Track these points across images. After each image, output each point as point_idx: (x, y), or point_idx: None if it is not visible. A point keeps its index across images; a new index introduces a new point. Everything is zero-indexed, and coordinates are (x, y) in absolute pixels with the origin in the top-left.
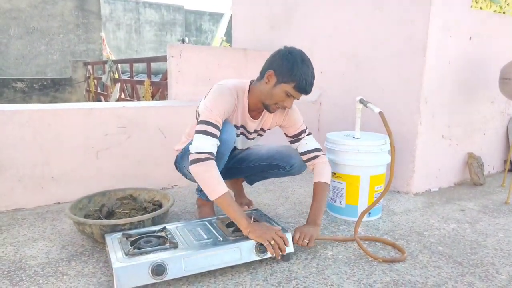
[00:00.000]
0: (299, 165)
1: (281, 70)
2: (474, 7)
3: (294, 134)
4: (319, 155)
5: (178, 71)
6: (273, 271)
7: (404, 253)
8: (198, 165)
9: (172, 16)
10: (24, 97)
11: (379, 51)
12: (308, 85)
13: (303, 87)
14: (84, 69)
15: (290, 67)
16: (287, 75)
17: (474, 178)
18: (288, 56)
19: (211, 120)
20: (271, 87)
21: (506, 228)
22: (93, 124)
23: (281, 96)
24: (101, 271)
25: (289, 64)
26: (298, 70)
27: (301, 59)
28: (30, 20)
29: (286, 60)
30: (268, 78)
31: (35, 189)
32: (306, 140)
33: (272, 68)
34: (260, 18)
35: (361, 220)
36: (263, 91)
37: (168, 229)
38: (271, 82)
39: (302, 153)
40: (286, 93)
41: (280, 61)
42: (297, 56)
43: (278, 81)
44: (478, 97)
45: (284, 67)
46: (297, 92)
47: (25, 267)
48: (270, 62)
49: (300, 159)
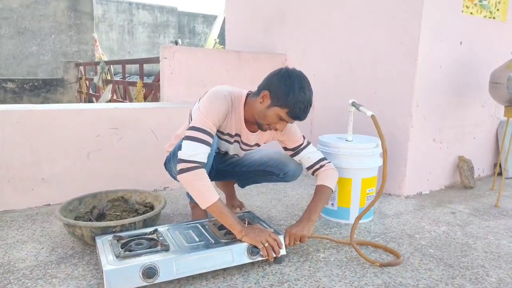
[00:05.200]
0: (292, 173)
1: (276, 93)
2: (465, 12)
3: (293, 147)
4: (324, 164)
5: (171, 73)
6: (265, 274)
7: (399, 257)
8: (188, 174)
9: (165, 18)
10: (14, 97)
11: (372, 54)
12: (302, 113)
13: (296, 115)
14: (76, 70)
15: (286, 92)
16: (282, 100)
17: (464, 181)
18: (286, 80)
19: (204, 127)
20: (265, 107)
21: (496, 230)
22: (85, 125)
23: (273, 119)
24: (91, 273)
25: (286, 88)
26: (294, 97)
27: (299, 85)
28: (22, 20)
29: (284, 84)
30: (263, 98)
31: (25, 190)
32: (309, 154)
33: (268, 89)
34: (253, 21)
35: (357, 225)
36: (257, 109)
37: (160, 231)
38: (265, 102)
39: (307, 167)
40: (279, 117)
41: (277, 83)
42: (295, 81)
43: (273, 103)
44: (469, 101)
45: (280, 90)
46: (290, 118)
47: (13, 269)
48: (268, 81)
49: (294, 167)
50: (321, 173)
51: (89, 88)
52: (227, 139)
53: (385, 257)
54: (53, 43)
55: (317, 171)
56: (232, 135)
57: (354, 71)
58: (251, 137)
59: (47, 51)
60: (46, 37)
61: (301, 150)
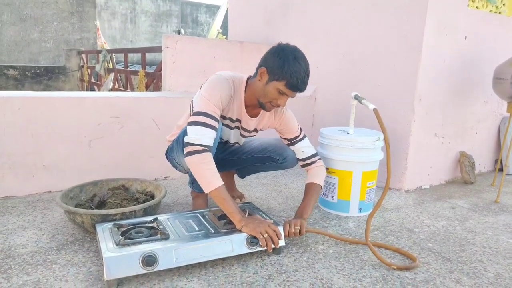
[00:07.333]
0: (292, 158)
1: (272, 67)
2: (470, 6)
3: (290, 138)
4: (315, 161)
5: (173, 62)
6: (264, 264)
7: (415, 260)
8: (194, 156)
9: (168, 7)
10: (16, 84)
11: (375, 48)
12: (300, 83)
13: (294, 85)
14: (77, 58)
15: (281, 64)
16: (278, 72)
17: (465, 176)
18: (280, 53)
19: (208, 111)
20: (263, 84)
21: (495, 226)
22: (86, 113)
23: (274, 94)
24: (91, 260)
25: (280, 61)
26: (289, 67)
27: (293, 56)
28: (24, 7)
29: (278, 57)
30: (261, 76)
31: (26, 177)
32: (303, 147)
33: (264, 65)
34: (256, 12)
35: (370, 224)
36: (257, 88)
37: (160, 220)
38: (263, 79)
39: (299, 159)
40: (278, 91)
41: (272, 58)
42: (289, 53)
43: (270, 78)
44: (471, 96)
45: (275, 64)
46: (289, 90)
47: (14, 255)
48: (263, 59)
49: (292, 153)
50: (311, 170)
51: (91, 76)
52: (228, 124)
53: (392, 256)
54: (55, 30)
55: (307, 167)
56: (233, 120)
57: (357, 64)
58: (250, 123)
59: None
60: (48, 24)
61: (296, 142)
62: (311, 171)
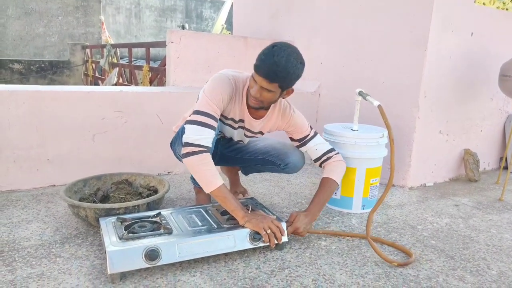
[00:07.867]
0: (293, 165)
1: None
2: (477, 3)
3: (299, 138)
4: (331, 156)
5: (177, 57)
6: (266, 260)
7: (411, 255)
8: (193, 158)
9: (173, 2)
10: (21, 78)
11: (380, 44)
12: (263, 65)
13: (258, 67)
14: (82, 53)
15: (260, 54)
16: (255, 61)
17: (469, 174)
18: (267, 47)
19: (209, 111)
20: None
21: (499, 224)
22: (90, 107)
23: (251, 84)
24: (95, 254)
25: (261, 51)
26: (263, 54)
27: (273, 46)
28: (29, 1)
29: (263, 49)
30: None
31: (30, 171)
32: (316, 145)
33: None
34: (261, 7)
35: (372, 220)
36: None
37: (163, 214)
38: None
39: (314, 160)
40: (252, 78)
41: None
42: (274, 45)
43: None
44: (477, 93)
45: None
46: (256, 73)
47: (18, 248)
48: None
49: (296, 159)
50: (328, 165)
51: (95, 71)
52: (230, 124)
53: (395, 253)
54: (60, 24)
55: (324, 163)
56: (236, 120)
57: (362, 60)
58: (254, 124)
59: (54, 32)
60: (53, 19)
61: (308, 141)
62: (327, 166)
